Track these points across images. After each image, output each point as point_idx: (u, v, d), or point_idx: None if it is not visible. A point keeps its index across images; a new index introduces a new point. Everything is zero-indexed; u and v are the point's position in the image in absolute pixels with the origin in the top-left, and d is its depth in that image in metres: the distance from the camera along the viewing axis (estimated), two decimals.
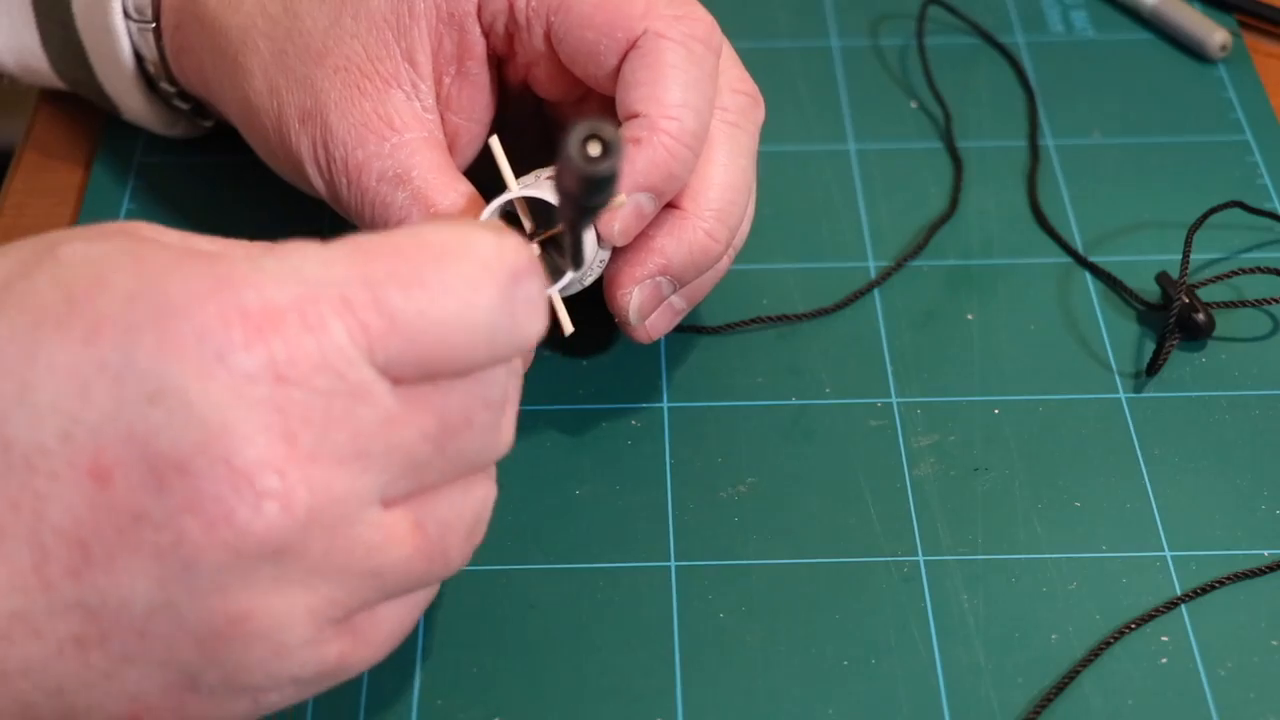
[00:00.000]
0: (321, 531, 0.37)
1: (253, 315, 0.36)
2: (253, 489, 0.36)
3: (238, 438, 0.36)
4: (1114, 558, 0.51)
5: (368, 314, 0.37)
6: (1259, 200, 0.63)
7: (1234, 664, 0.49)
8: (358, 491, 0.37)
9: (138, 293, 0.36)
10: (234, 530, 0.36)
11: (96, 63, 0.60)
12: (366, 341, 0.37)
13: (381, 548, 0.38)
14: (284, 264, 0.37)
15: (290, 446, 0.36)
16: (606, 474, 0.54)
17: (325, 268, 0.37)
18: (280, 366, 0.36)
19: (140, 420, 0.36)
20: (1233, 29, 0.71)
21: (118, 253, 0.37)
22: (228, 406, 0.36)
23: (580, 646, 0.49)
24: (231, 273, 0.37)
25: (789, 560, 0.51)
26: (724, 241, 0.53)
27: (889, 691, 0.48)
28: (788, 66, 0.70)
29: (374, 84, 0.52)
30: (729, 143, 0.53)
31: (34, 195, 0.64)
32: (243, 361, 0.36)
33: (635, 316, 0.52)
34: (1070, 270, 0.61)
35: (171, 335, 0.36)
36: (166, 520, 0.36)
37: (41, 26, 0.60)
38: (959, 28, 0.72)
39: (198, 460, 0.35)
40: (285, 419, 0.36)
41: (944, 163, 0.66)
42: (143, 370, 0.36)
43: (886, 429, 0.55)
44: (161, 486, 0.36)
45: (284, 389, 0.36)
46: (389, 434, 0.38)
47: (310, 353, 0.36)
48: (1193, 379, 0.57)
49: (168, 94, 0.60)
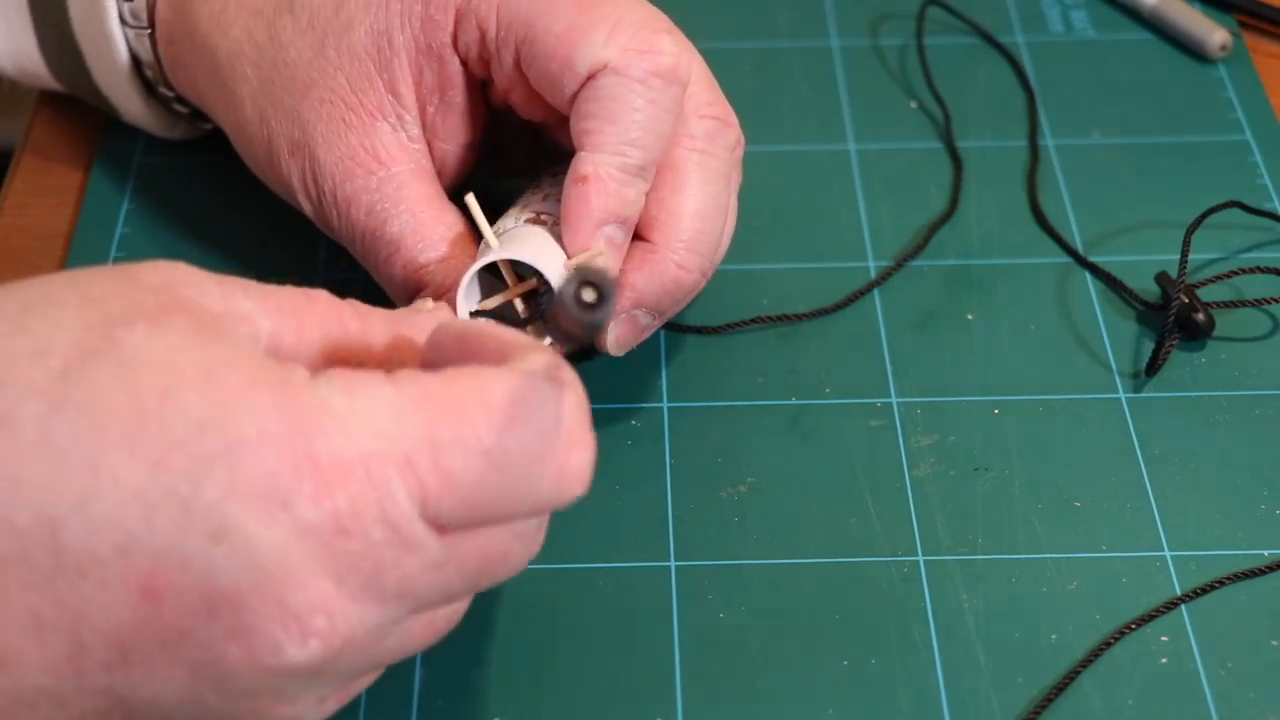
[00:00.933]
0: (354, 653, 0.39)
1: (322, 467, 0.37)
2: (300, 628, 0.37)
3: (294, 582, 0.37)
4: (1114, 558, 0.51)
5: (428, 476, 0.38)
6: (1259, 200, 0.63)
7: (1234, 664, 0.49)
8: (394, 619, 0.39)
9: (210, 421, 0.37)
10: (277, 661, 0.37)
11: (94, 67, 0.60)
12: (423, 499, 0.38)
13: (397, 651, 0.41)
14: (354, 411, 0.38)
15: (340, 589, 0.37)
16: (606, 474, 0.54)
17: (394, 421, 0.38)
18: (342, 519, 0.37)
19: (200, 553, 0.36)
20: (1233, 29, 0.71)
21: (186, 358, 0.37)
22: (289, 552, 0.37)
23: (580, 646, 0.49)
24: (305, 415, 0.37)
25: (789, 560, 0.51)
26: (697, 270, 0.53)
27: (889, 691, 0.48)
28: (788, 66, 0.70)
29: (359, 116, 0.53)
30: (698, 170, 0.53)
31: (34, 195, 0.64)
32: (309, 512, 0.37)
33: (615, 348, 0.53)
34: (1070, 270, 0.61)
35: (241, 475, 0.36)
36: (210, 643, 0.37)
37: (39, 31, 0.60)
38: (959, 28, 0.72)
39: (252, 598, 0.37)
40: (339, 566, 0.37)
41: (944, 163, 0.66)
42: (209, 506, 0.36)
43: (886, 429, 0.55)
44: (212, 615, 0.37)
45: (342, 540, 0.37)
46: (432, 577, 0.39)
47: (371, 509, 0.37)
48: (1193, 379, 0.57)
49: (166, 98, 0.61)
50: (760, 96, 0.68)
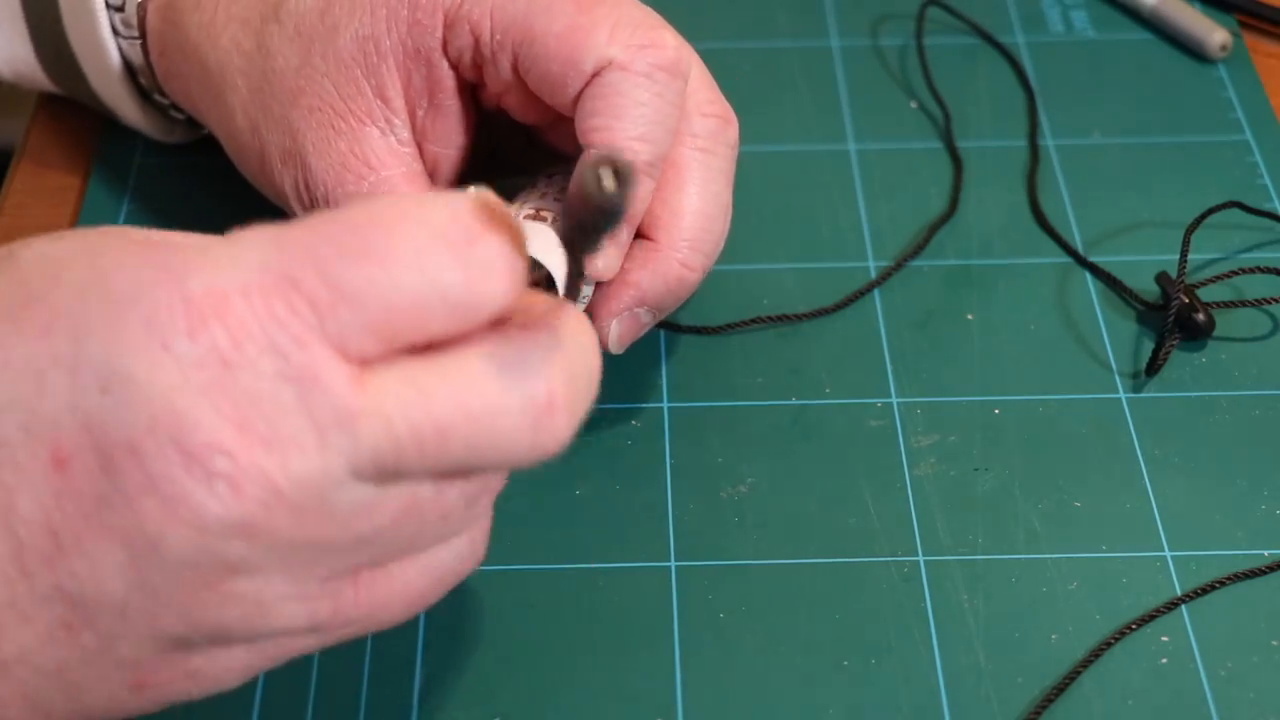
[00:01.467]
0: (287, 511, 0.36)
1: (196, 301, 0.36)
2: (203, 470, 0.36)
3: (185, 421, 0.36)
4: (1114, 558, 0.51)
5: (315, 289, 0.36)
6: (1259, 200, 0.63)
7: (1234, 664, 0.49)
8: (325, 472, 0.36)
9: (89, 284, 0.37)
10: (191, 510, 0.36)
11: (90, 75, 0.60)
12: (316, 316, 0.36)
13: (358, 520, 0.37)
14: (233, 249, 0.37)
15: (242, 431, 0.36)
16: (606, 474, 0.54)
17: (276, 250, 0.37)
18: (224, 351, 0.36)
19: (94, 408, 0.36)
20: (1233, 29, 0.71)
21: (75, 249, 0.38)
22: (175, 391, 0.36)
23: (580, 646, 0.49)
24: (178, 260, 0.37)
25: (789, 560, 0.51)
26: (699, 269, 0.53)
27: (889, 692, 0.48)
28: (788, 66, 0.70)
29: (348, 123, 0.53)
30: (700, 169, 0.53)
31: (34, 196, 0.64)
32: (187, 347, 0.36)
33: (616, 346, 0.53)
34: (1070, 270, 0.61)
35: (120, 325, 0.36)
36: (125, 503, 0.36)
37: (34, 39, 0.60)
38: (959, 28, 0.72)
39: (147, 443, 0.36)
40: (235, 404, 0.36)
41: (944, 163, 0.66)
42: (94, 360, 0.36)
43: (886, 429, 0.55)
44: (116, 470, 0.36)
45: (231, 373, 0.36)
46: (354, 429, 0.36)
47: (255, 337, 0.36)
48: (1193, 379, 0.57)
49: (162, 105, 0.61)
50: (760, 96, 0.68)
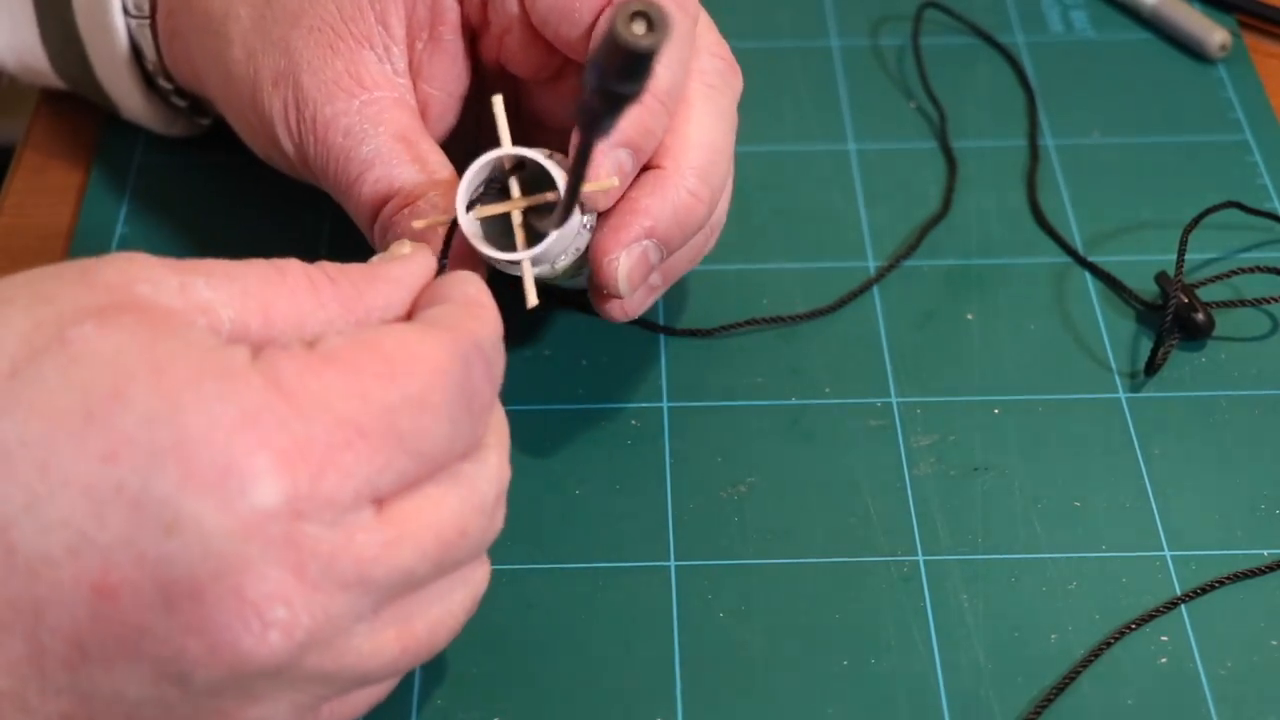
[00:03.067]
0: (318, 650, 0.38)
1: (276, 452, 0.37)
2: (260, 620, 0.37)
3: (251, 573, 0.36)
4: (1114, 558, 0.51)
5: (380, 444, 0.38)
6: (1258, 200, 0.63)
7: (1234, 664, 0.49)
8: (356, 611, 0.39)
9: (158, 415, 0.36)
10: (237, 655, 0.37)
11: (95, 60, 0.60)
12: (374, 472, 0.38)
13: (370, 655, 0.40)
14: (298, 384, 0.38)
15: (299, 578, 0.37)
16: (606, 474, 0.54)
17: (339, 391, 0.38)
18: (298, 503, 0.37)
19: (154, 548, 0.36)
20: (1233, 29, 0.71)
21: (134, 355, 0.37)
22: (245, 542, 0.36)
23: (580, 646, 0.49)
24: (252, 401, 0.37)
25: (789, 560, 0.51)
26: (707, 201, 0.51)
27: (889, 691, 0.48)
28: (788, 66, 0.70)
29: (346, 44, 0.52)
30: (707, 103, 0.52)
31: (34, 195, 0.64)
32: (263, 500, 0.36)
33: (625, 285, 0.50)
34: (1070, 270, 0.61)
35: (193, 467, 0.36)
36: (169, 638, 0.37)
37: (42, 24, 0.60)
38: (960, 28, 0.72)
39: (210, 591, 0.36)
40: (297, 552, 0.37)
41: (944, 163, 0.66)
42: (161, 499, 0.36)
43: (886, 429, 0.55)
44: (170, 610, 0.36)
45: (300, 525, 0.37)
46: (388, 558, 0.39)
47: (327, 490, 0.37)
48: (1192, 379, 0.57)
49: (165, 91, 0.61)
50: (760, 96, 0.68)
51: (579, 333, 0.58)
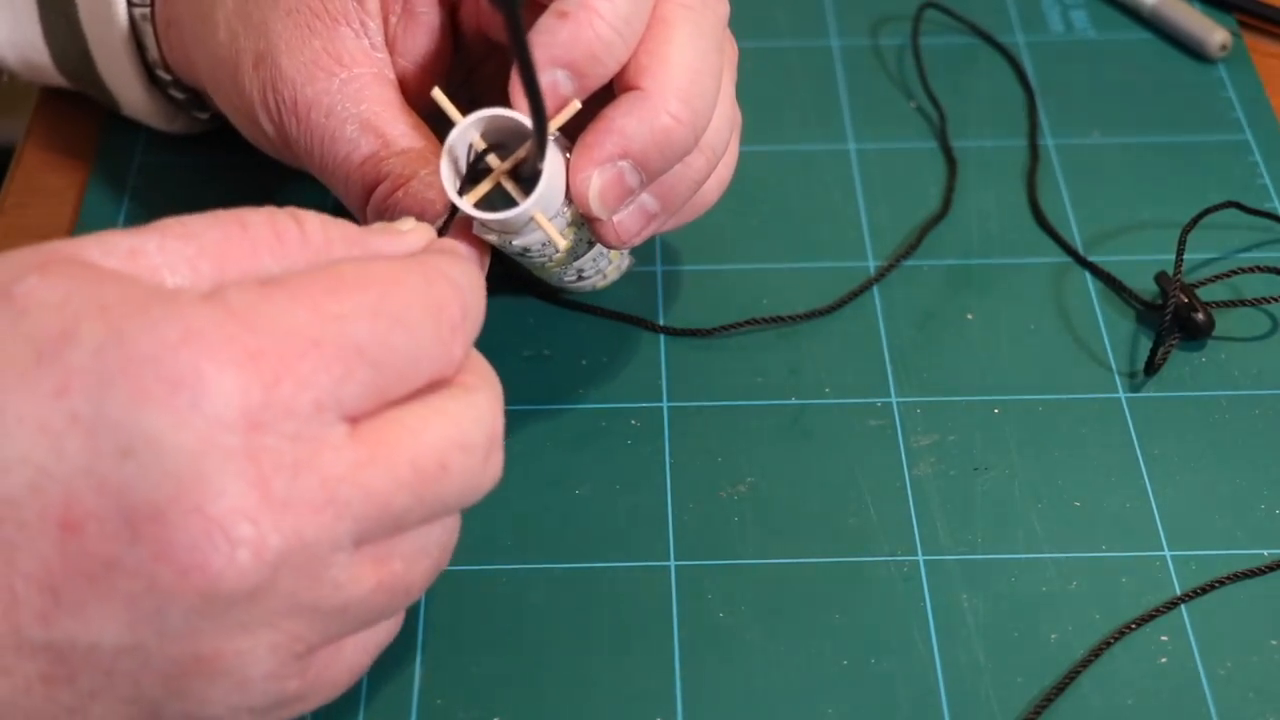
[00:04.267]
0: (291, 574, 0.37)
1: (224, 362, 0.36)
2: (227, 537, 0.36)
3: (212, 487, 0.36)
4: (1114, 558, 0.51)
5: (336, 353, 0.37)
6: (1258, 200, 0.63)
7: (1234, 664, 0.49)
8: (330, 536, 0.38)
9: (106, 343, 0.36)
10: (207, 578, 0.36)
11: (97, 53, 0.60)
12: (333, 382, 0.37)
13: (347, 586, 0.39)
14: (248, 305, 0.37)
15: (263, 493, 0.36)
16: (606, 474, 0.54)
17: (290, 308, 0.37)
18: (254, 413, 0.36)
19: (114, 472, 0.36)
20: (1233, 29, 0.71)
21: (80, 298, 0.37)
22: (201, 455, 0.36)
23: (580, 646, 0.49)
24: (200, 319, 0.37)
25: (789, 560, 0.51)
26: (690, 125, 0.49)
27: (889, 691, 0.48)
28: (788, 66, 0.70)
29: (323, 22, 0.52)
30: (687, 24, 0.50)
31: (34, 195, 0.64)
32: (216, 409, 0.36)
33: (597, 203, 0.49)
34: (1070, 270, 0.61)
35: (143, 386, 0.36)
36: (139, 568, 0.36)
37: (45, 19, 0.61)
38: (960, 28, 0.72)
39: (172, 511, 0.36)
40: (258, 466, 0.36)
41: (944, 163, 0.66)
42: (115, 422, 0.36)
43: (886, 429, 0.55)
44: (135, 536, 0.36)
45: (257, 435, 0.36)
46: (360, 479, 0.38)
47: (280, 399, 0.37)
48: (1192, 379, 0.57)
49: (165, 83, 0.61)
50: (760, 96, 0.68)
51: (579, 333, 0.58)
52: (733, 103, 0.53)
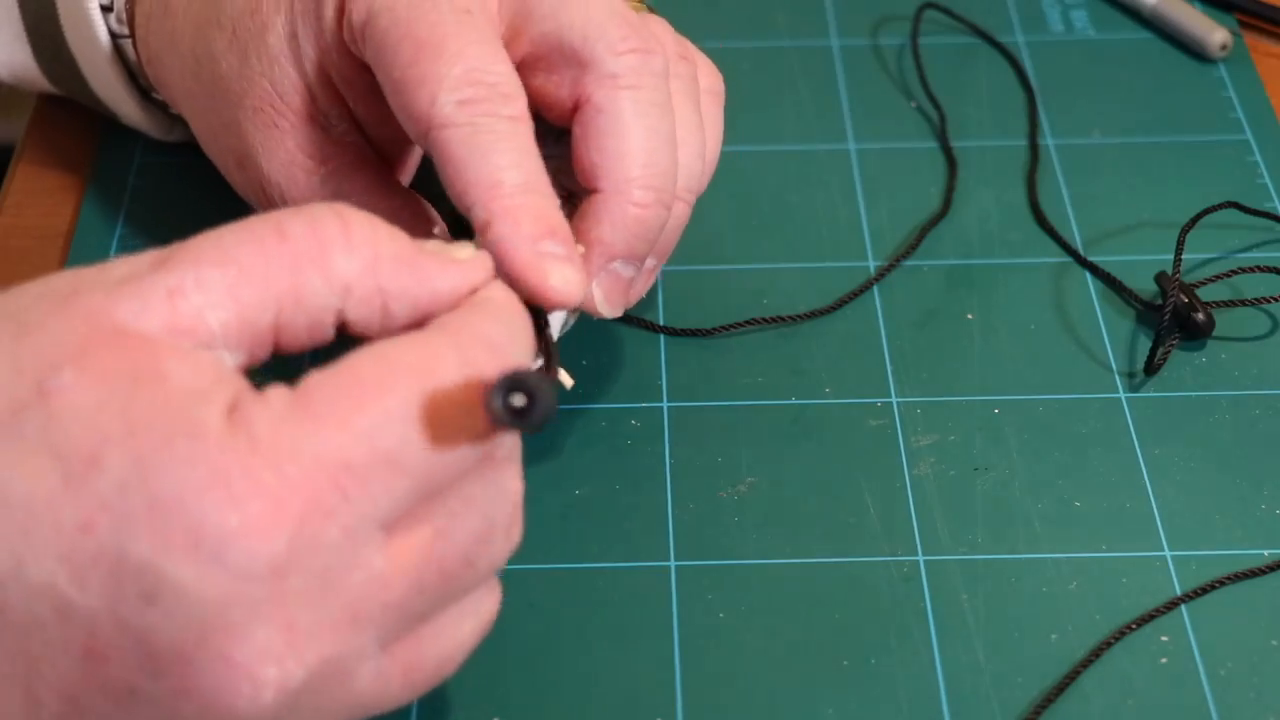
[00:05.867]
0: (314, 695, 0.37)
1: (250, 514, 0.35)
2: (252, 682, 0.36)
3: (237, 635, 0.35)
4: (1114, 558, 0.51)
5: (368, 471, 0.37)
6: (1259, 200, 0.63)
7: (1234, 664, 0.49)
8: (353, 650, 0.38)
9: (130, 479, 0.35)
10: (231, 715, 0.36)
11: (89, 75, 0.60)
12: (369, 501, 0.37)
13: (374, 693, 0.39)
14: (273, 439, 0.36)
15: (289, 634, 0.36)
16: (606, 474, 0.54)
17: (317, 435, 0.36)
18: (280, 562, 0.36)
19: (136, 616, 0.35)
20: (1233, 29, 0.71)
21: (111, 413, 0.36)
22: (227, 607, 0.35)
23: (580, 646, 0.49)
24: (224, 458, 0.36)
25: (789, 560, 0.51)
26: (655, 204, 0.50)
27: (889, 691, 0.48)
28: (788, 66, 0.70)
29: (290, 121, 0.52)
30: (630, 105, 0.50)
31: (34, 195, 0.64)
32: (242, 564, 0.35)
33: (606, 308, 0.51)
34: (1070, 270, 0.61)
35: (166, 534, 0.35)
36: (161, 700, 0.36)
37: (33, 41, 0.60)
38: (960, 28, 0.72)
39: (197, 656, 0.35)
40: (284, 609, 0.36)
41: (944, 163, 0.66)
42: (138, 567, 0.35)
43: (886, 429, 0.55)
44: (158, 673, 0.36)
45: (284, 581, 0.36)
46: (384, 593, 0.38)
47: (311, 536, 0.36)
48: (1192, 379, 0.57)
49: (161, 101, 0.61)
50: (760, 96, 0.68)
51: (579, 333, 0.58)
52: (700, 131, 0.53)
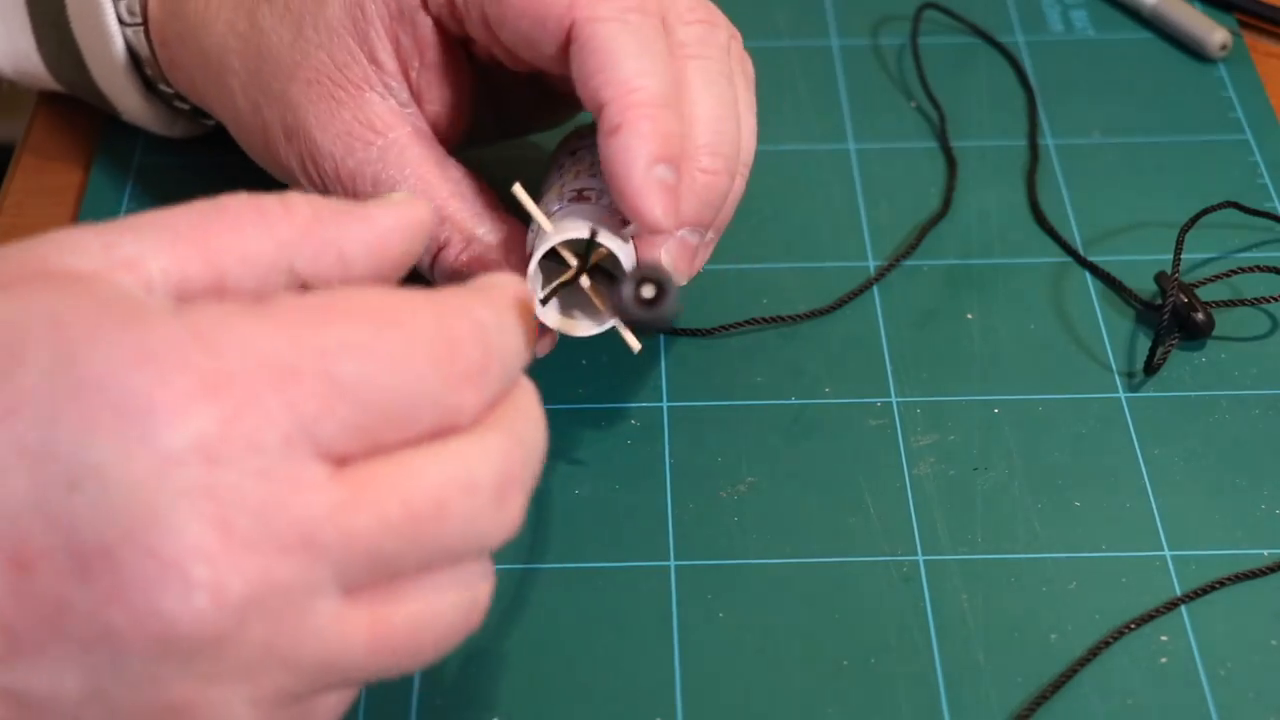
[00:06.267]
0: (262, 622, 0.35)
1: (178, 390, 0.34)
2: (182, 580, 0.33)
3: (164, 526, 0.33)
4: (1114, 557, 0.51)
5: (314, 384, 0.35)
6: (1259, 200, 0.63)
7: (1234, 664, 0.49)
8: (306, 580, 0.35)
9: (56, 365, 0.34)
10: (162, 622, 0.34)
11: (93, 66, 0.60)
12: (309, 416, 0.35)
13: (335, 640, 0.36)
14: (217, 330, 0.35)
15: (225, 534, 0.34)
16: (606, 474, 0.54)
17: (272, 336, 0.35)
18: (211, 447, 0.34)
19: (62, 507, 0.33)
20: (1233, 29, 0.71)
21: (38, 316, 0.35)
22: (153, 491, 0.33)
23: (580, 646, 0.49)
24: (156, 340, 0.34)
25: (789, 560, 0.51)
26: (725, 172, 0.51)
27: (889, 691, 0.48)
28: (788, 66, 0.70)
29: (348, 92, 0.52)
30: (699, 75, 0.51)
31: (34, 195, 0.64)
32: (168, 441, 0.33)
33: (675, 276, 0.51)
34: (1070, 270, 0.61)
35: (91, 414, 0.33)
36: (92, 611, 0.34)
37: (37, 31, 0.60)
38: (960, 28, 0.72)
39: (122, 550, 0.33)
40: (217, 503, 0.34)
41: (944, 163, 0.66)
42: (62, 453, 0.33)
43: (886, 428, 0.55)
44: (86, 577, 0.34)
45: (216, 471, 0.34)
46: (340, 520, 0.35)
47: (243, 430, 0.34)
48: (1192, 378, 0.57)
49: (166, 95, 0.61)
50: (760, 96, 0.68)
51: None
52: (751, 112, 0.55)
